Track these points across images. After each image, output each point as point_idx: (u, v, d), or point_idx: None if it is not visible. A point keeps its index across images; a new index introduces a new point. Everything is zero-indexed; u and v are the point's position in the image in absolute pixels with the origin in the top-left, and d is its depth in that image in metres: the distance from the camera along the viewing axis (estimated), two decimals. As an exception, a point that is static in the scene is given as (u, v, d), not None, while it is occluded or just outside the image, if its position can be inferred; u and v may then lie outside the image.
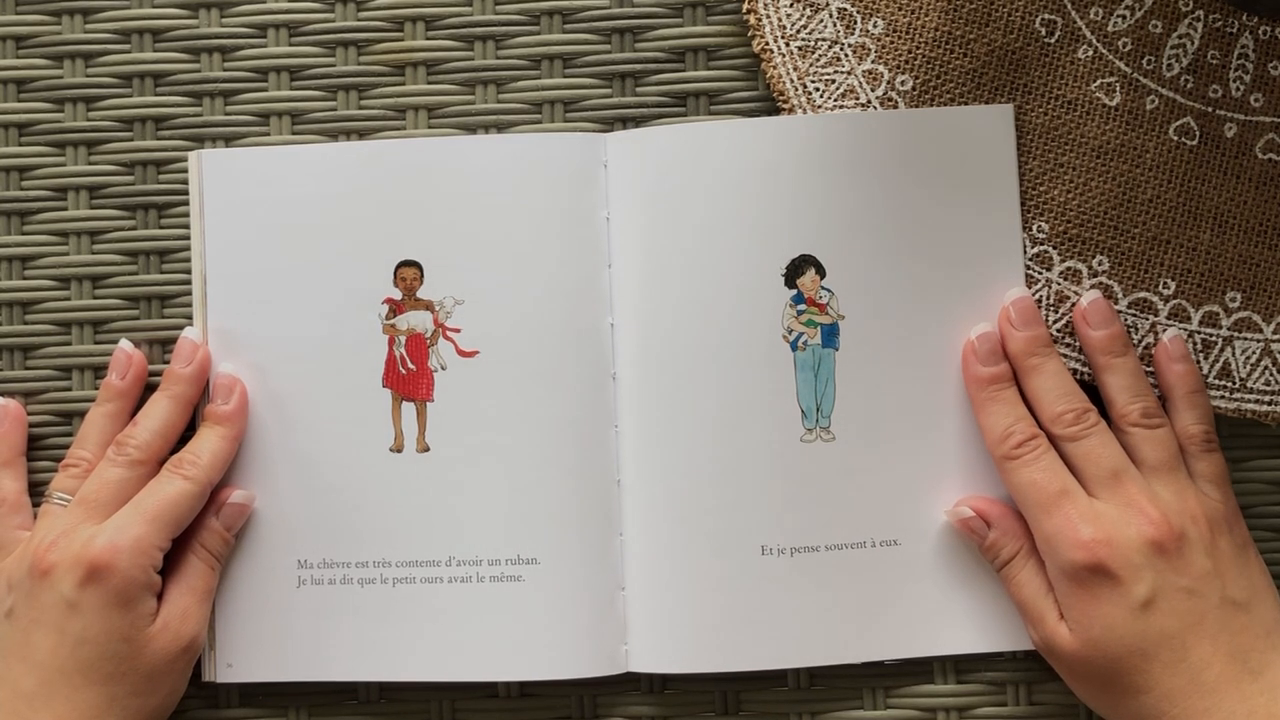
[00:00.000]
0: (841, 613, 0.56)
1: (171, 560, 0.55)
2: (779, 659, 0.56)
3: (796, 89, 0.58)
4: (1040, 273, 0.57)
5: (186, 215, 0.59)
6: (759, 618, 0.56)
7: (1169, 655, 0.51)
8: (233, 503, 0.56)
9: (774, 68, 0.58)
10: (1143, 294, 0.57)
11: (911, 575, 0.57)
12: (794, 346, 0.56)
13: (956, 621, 0.57)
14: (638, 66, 0.59)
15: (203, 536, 0.56)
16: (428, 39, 0.60)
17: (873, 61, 0.58)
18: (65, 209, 0.60)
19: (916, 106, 0.57)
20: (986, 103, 0.57)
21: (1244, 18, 0.57)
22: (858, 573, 0.56)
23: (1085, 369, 0.57)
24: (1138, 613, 0.51)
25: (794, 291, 0.56)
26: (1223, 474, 0.55)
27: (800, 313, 0.56)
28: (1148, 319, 0.57)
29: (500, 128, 0.59)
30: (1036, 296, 0.57)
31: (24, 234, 0.60)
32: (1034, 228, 0.57)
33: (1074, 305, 0.57)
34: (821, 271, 0.57)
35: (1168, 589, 0.51)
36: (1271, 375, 0.57)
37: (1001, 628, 0.56)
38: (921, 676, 0.58)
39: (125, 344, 0.58)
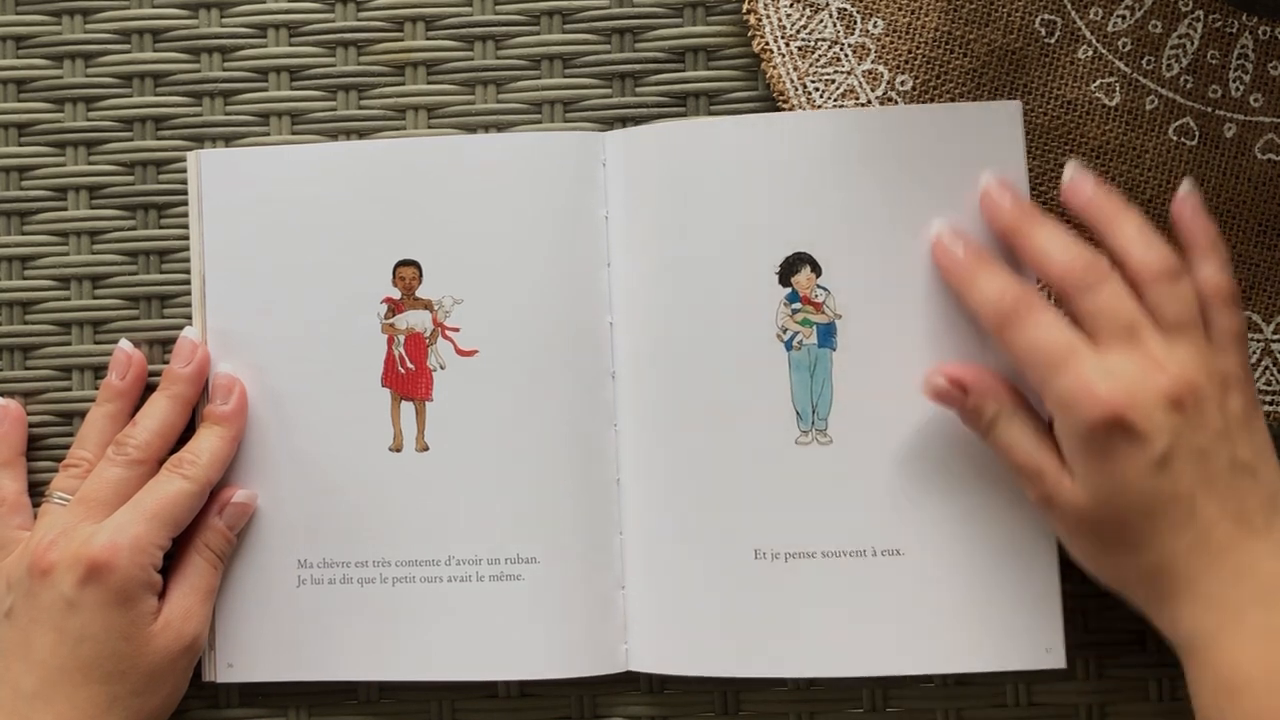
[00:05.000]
0: (840, 623, 0.55)
1: (174, 560, 0.56)
2: (777, 667, 0.56)
3: (796, 89, 0.58)
4: (1040, 273, 0.57)
5: (186, 215, 0.59)
6: (756, 622, 0.55)
7: (1178, 514, 0.49)
8: (236, 502, 0.56)
9: (774, 68, 0.58)
10: (1143, 294, 0.57)
11: (916, 587, 0.55)
12: (788, 346, 0.56)
13: (964, 638, 0.55)
14: (638, 66, 0.59)
15: (206, 536, 0.56)
16: (428, 39, 0.60)
17: (873, 61, 0.57)
18: (65, 209, 0.60)
19: (916, 106, 0.57)
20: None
21: (1244, 18, 0.57)
22: (857, 582, 0.55)
23: None
24: (1154, 470, 0.48)
25: (789, 290, 0.56)
26: (1242, 333, 0.52)
27: (795, 311, 0.56)
28: (1148, 319, 0.57)
29: (500, 128, 0.59)
30: (1036, 296, 0.57)
31: (24, 234, 0.60)
32: (1034, 227, 0.57)
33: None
34: (817, 269, 0.56)
35: (1183, 447, 0.49)
36: (1272, 375, 0.57)
37: (1012, 646, 0.55)
38: (922, 677, 0.57)
39: (125, 344, 0.58)
